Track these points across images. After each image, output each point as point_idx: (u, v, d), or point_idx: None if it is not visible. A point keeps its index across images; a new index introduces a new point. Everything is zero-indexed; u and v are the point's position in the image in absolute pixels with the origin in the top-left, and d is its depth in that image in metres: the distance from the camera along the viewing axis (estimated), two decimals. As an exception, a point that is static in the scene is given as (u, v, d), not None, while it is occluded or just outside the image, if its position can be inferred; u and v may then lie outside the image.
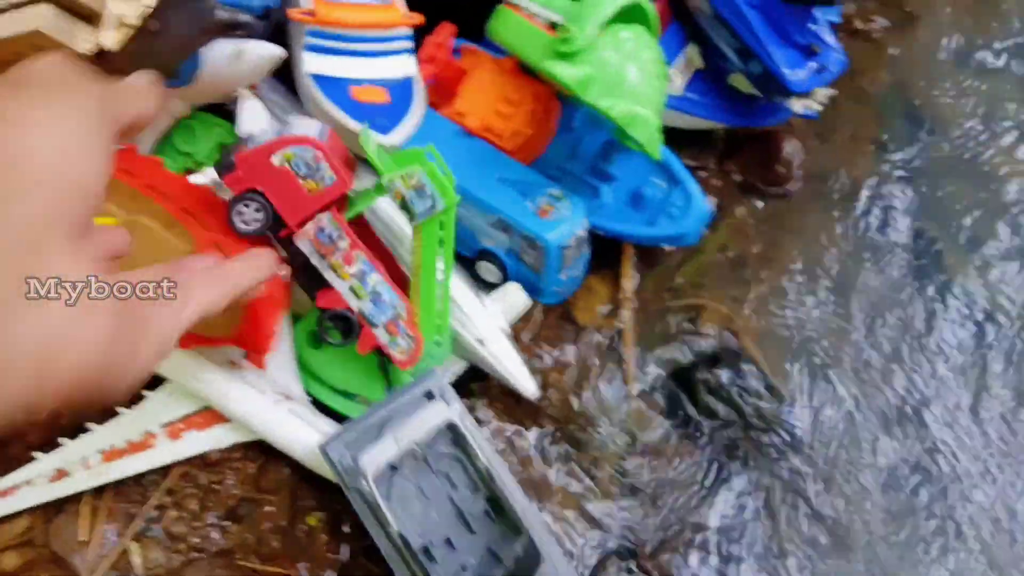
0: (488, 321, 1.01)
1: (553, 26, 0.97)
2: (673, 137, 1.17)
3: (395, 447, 0.86)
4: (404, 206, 0.85)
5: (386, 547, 0.87)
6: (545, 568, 0.88)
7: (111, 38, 0.78)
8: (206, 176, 0.96)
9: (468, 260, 1.08)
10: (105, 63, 0.82)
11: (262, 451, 1.02)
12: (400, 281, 0.92)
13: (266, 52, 0.93)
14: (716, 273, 1.19)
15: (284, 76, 1.00)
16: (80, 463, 0.96)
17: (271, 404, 0.96)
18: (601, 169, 1.11)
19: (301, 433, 0.96)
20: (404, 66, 1.00)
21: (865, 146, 1.30)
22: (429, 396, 0.93)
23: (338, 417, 1.01)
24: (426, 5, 1.04)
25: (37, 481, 0.95)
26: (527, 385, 1.00)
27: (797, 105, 1.16)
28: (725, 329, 1.15)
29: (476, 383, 1.07)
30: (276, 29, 0.96)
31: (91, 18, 0.82)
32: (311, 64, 0.95)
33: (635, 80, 0.95)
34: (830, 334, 1.16)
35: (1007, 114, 1.34)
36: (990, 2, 1.45)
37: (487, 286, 1.08)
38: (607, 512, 1.02)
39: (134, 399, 0.98)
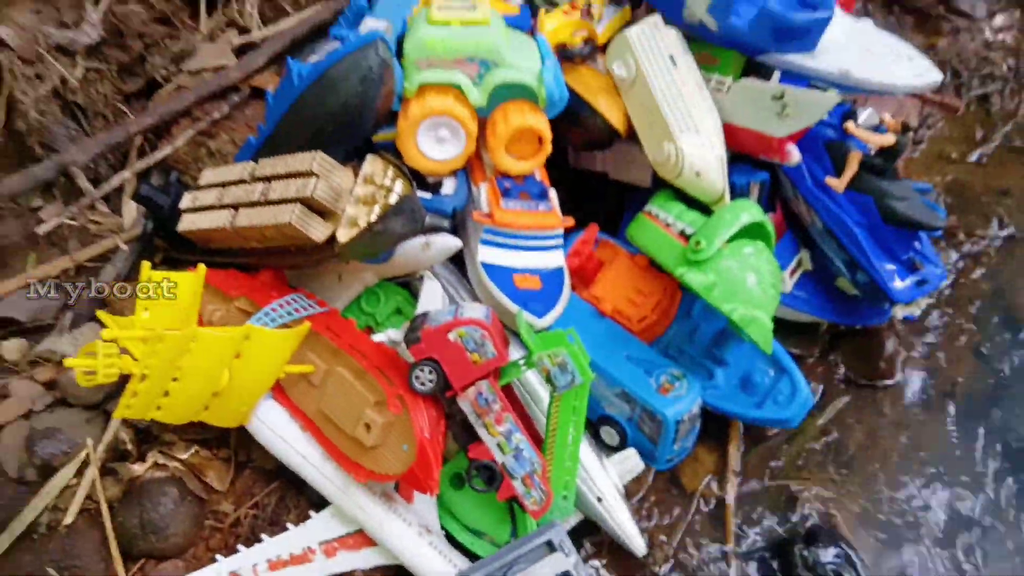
0: (607, 481, 1.15)
1: (684, 235, 1.16)
2: (781, 327, 1.31)
3: (520, 580, 0.99)
4: (548, 379, 1.02)
5: None
6: None
7: (344, 234, 1.02)
8: (385, 336, 1.17)
9: (590, 423, 1.23)
10: (329, 248, 1.05)
11: (398, 573, 1.17)
12: (535, 439, 1.08)
13: (448, 244, 1.16)
14: (817, 457, 1.29)
15: (456, 259, 1.22)
16: (250, 569, 1.12)
17: (415, 534, 1.11)
18: (716, 354, 1.26)
19: (437, 563, 1.10)
20: (556, 259, 1.20)
21: (964, 350, 1.40)
22: (550, 546, 1.06)
23: (466, 552, 1.15)
24: (575, 207, 1.25)
25: (215, 580, 1.12)
26: (637, 542, 1.12)
27: (899, 312, 1.28)
28: (823, 510, 1.23)
29: (589, 537, 1.20)
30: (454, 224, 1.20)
31: (324, 214, 1.06)
32: (484, 255, 1.17)
33: (753, 288, 1.11)
34: (920, 524, 1.23)
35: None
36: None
37: (606, 448, 1.22)
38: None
39: (301, 518, 1.17)
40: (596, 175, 1.44)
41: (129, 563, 1.14)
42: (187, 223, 1.17)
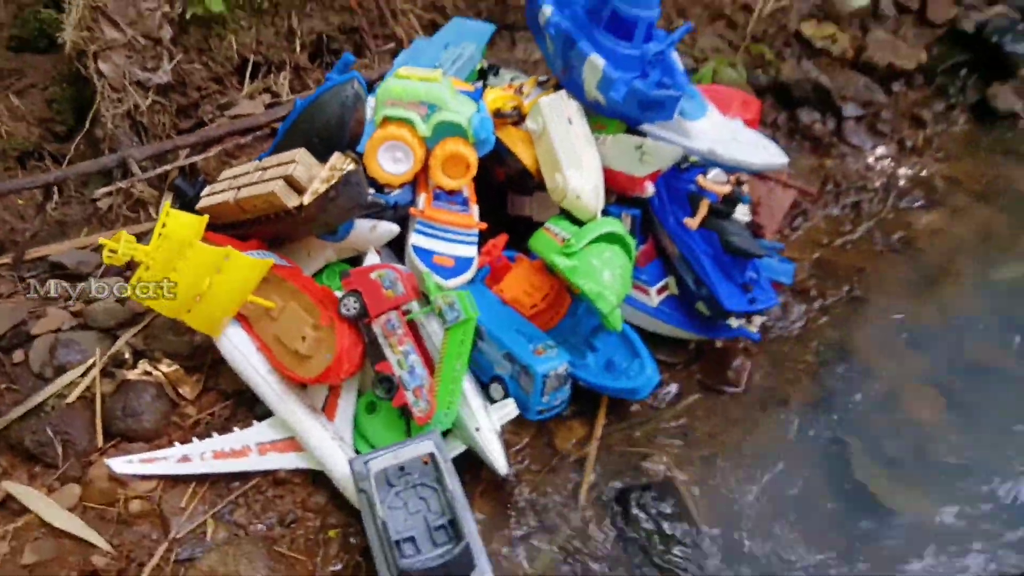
0: (485, 418, 1.46)
1: (564, 240, 1.55)
2: (656, 338, 1.68)
3: (394, 460, 1.30)
4: (440, 314, 1.38)
5: (372, 535, 1.27)
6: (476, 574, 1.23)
7: (308, 198, 1.43)
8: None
9: (483, 383, 1.55)
10: (300, 213, 1.46)
11: (313, 482, 1.47)
12: (429, 367, 1.42)
13: (390, 228, 1.58)
14: (667, 437, 1.59)
15: (394, 244, 1.62)
16: (199, 455, 1.44)
17: (330, 438, 1.43)
18: (590, 342, 1.61)
19: (340, 461, 1.40)
20: (469, 251, 1.60)
21: (802, 374, 1.72)
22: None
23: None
24: (495, 224, 1.67)
25: (169, 460, 1.43)
26: (500, 463, 1.41)
27: (735, 323, 1.63)
28: (665, 473, 1.52)
29: (469, 473, 1.49)
30: (399, 218, 1.61)
31: (299, 190, 1.48)
32: (416, 240, 1.58)
33: (607, 277, 1.48)
34: (742, 493, 1.49)
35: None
36: (924, 294, 1.91)
37: (493, 401, 1.54)
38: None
39: (247, 426, 1.49)
40: (524, 218, 1.86)
41: (107, 440, 1.46)
42: (203, 203, 1.60)
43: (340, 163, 1.47)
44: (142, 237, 1.72)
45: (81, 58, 1.75)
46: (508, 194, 1.86)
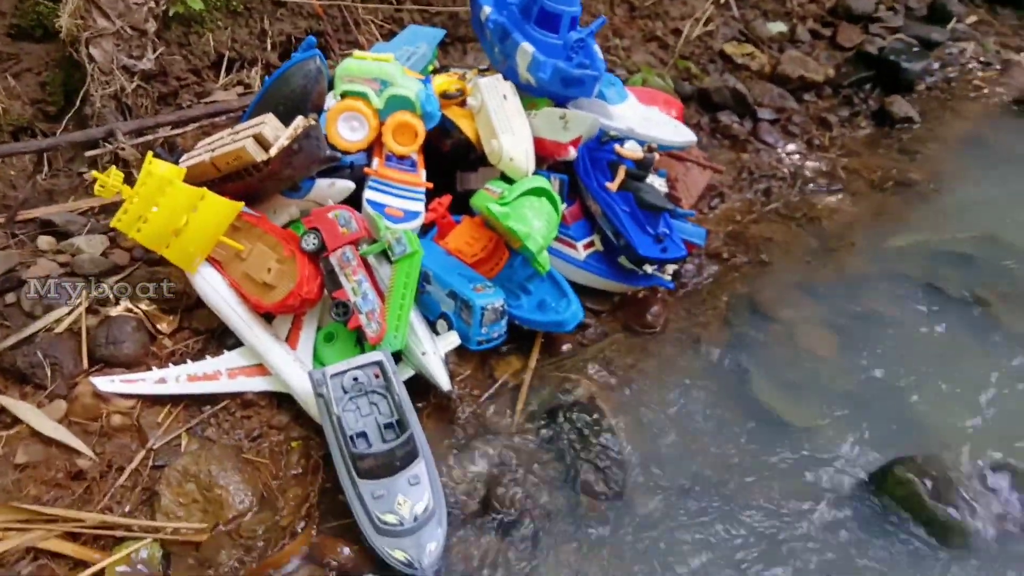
0: (432, 345, 1.67)
1: (499, 195, 1.78)
2: (585, 290, 1.91)
3: (347, 366, 1.49)
4: (389, 248, 1.60)
5: (329, 432, 1.45)
6: (419, 463, 1.42)
7: (275, 151, 1.65)
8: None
9: (430, 321, 1.76)
10: (266, 167, 1.68)
11: (278, 405, 1.65)
12: (381, 298, 1.63)
13: (346, 185, 1.80)
14: (592, 368, 1.80)
15: (350, 202, 1.84)
16: (175, 378, 1.62)
17: (292, 360, 1.62)
18: (525, 287, 1.83)
19: (301, 378, 1.59)
20: (416, 207, 1.82)
21: (714, 318, 1.95)
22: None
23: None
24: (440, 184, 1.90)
25: (148, 381, 1.61)
26: (444, 380, 1.61)
27: (649, 269, 1.87)
28: (589, 396, 1.73)
29: (417, 396, 1.68)
30: (357, 178, 1.84)
31: (266, 147, 1.70)
32: (370, 195, 1.80)
33: (536, 224, 1.71)
34: (656, 410, 1.71)
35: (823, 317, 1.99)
36: (824, 258, 2.18)
37: (439, 335, 1.75)
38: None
39: (219, 351, 1.68)
40: (472, 192, 2.09)
41: (92, 364, 1.64)
42: (182, 163, 1.81)
43: (301, 123, 1.70)
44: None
45: (74, 44, 1.97)
46: (457, 172, 2.10)
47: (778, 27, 3.31)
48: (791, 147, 2.67)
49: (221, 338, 1.73)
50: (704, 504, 1.55)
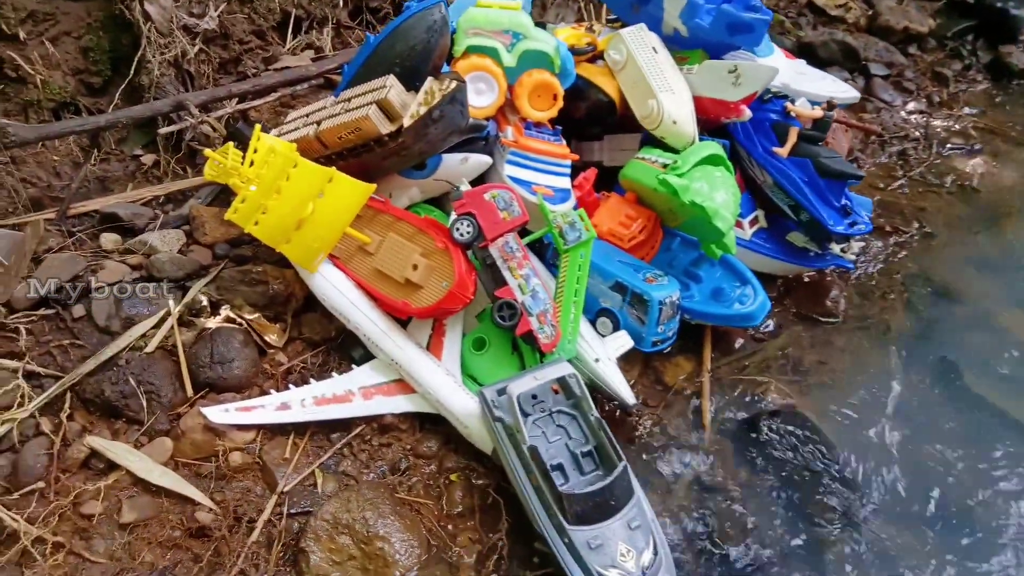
0: (603, 348, 1.38)
1: (664, 166, 1.49)
2: None
3: (533, 383, 1.20)
4: (560, 235, 1.30)
5: (517, 467, 1.16)
6: (636, 500, 1.14)
7: (408, 120, 1.34)
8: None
9: (589, 320, 1.47)
10: (396, 139, 1.37)
11: (420, 428, 1.36)
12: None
13: (482, 160, 1.49)
14: (777, 367, 1.53)
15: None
16: (299, 402, 1.32)
17: (443, 374, 1.32)
18: (693, 273, 1.55)
19: (459, 396, 1.30)
20: (564, 182, 1.52)
21: (896, 303, 1.69)
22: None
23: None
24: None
25: (268, 408, 1.31)
26: (627, 394, 1.33)
27: (836, 248, 1.59)
28: (783, 402, 1.46)
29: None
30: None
31: (391, 116, 1.38)
32: (510, 171, 1.49)
33: (719, 196, 1.42)
34: (867, 418, 1.45)
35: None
36: (994, 231, 1.93)
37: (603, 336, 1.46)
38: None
39: (343, 366, 1.38)
40: (592, 164, 1.80)
41: (196, 391, 1.32)
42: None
43: (438, 86, 1.39)
44: (195, 191, 1.61)
45: (124, 0, 1.62)
46: (572, 142, 1.80)
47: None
48: (911, 105, 2.40)
49: (342, 349, 1.43)
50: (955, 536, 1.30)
